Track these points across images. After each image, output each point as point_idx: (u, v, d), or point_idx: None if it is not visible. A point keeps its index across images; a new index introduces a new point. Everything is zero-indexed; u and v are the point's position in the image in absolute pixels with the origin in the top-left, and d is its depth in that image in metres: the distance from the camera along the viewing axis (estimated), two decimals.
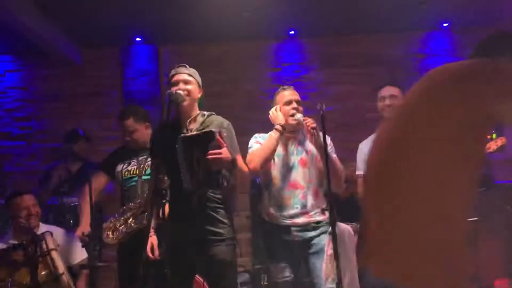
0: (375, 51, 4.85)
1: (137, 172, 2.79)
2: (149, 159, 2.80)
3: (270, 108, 4.56)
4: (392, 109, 2.84)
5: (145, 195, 2.69)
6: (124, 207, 2.72)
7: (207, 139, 2.10)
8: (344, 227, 2.36)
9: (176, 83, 2.30)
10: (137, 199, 2.72)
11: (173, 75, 2.34)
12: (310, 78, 4.81)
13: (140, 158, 2.83)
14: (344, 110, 4.65)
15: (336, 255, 2.10)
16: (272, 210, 2.53)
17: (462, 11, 4.38)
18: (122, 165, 2.84)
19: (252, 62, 4.83)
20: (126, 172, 2.81)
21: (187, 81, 2.33)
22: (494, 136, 4.56)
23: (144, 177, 2.77)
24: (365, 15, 4.34)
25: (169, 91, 2.23)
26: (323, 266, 2.29)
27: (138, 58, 4.78)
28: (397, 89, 2.95)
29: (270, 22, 4.39)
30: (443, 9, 4.31)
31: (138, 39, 4.65)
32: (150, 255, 2.25)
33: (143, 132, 2.86)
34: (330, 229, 2.18)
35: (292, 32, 4.75)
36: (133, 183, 2.79)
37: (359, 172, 2.93)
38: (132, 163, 2.83)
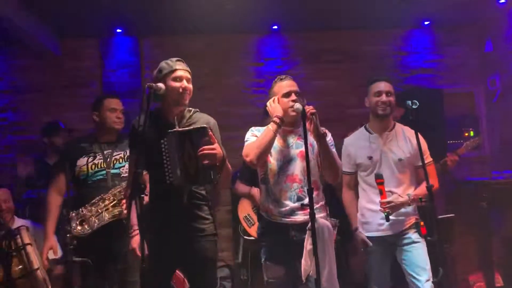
0: (357, 48, 4.89)
1: (105, 166, 2.74)
2: (115, 153, 2.78)
3: (253, 102, 4.56)
4: (388, 107, 2.75)
5: (118, 188, 2.67)
6: (97, 198, 2.67)
7: (200, 134, 2.08)
8: (323, 222, 2.36)
9: (180, 79, 2.26)
10: (108, 191, 2.68)
11: (175, 70, 2.26)
12: (292, 73, 4.75)
13: (106, 152, 2.78)
14: (325, 105, 4.66)
15: (315, 250, 2.10)
16: (270, 206, 2.47)
17: (443, 10, 4.44)
18: (86, 158, 2.75)
19: (235, 56, 4.80)
20: (93, 166, 2.74)
21: (189, 79, 2.31)
22: (472, 133, 4.67)
23: (112, 171, 2.73)
24: (348, 12, 4.36)
25: (148, 83, 2.18)
26: (302, 261, 2.29)
27: (118, 49, 4.71)
28: (391, 86, 2.80)
29: (254, 17, 4.37)
30: (424, 7, 4.36)
31: (118, 30, 4.57)
32: (139, 253, 2.19)
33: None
34: (309, 224, 2.18)
35: (275, 27, 4.75)
36: (101, 177, 2.73)
37: (343, 168, 2.84)
38: (98, 156, 2.76)
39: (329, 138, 2.52)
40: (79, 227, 2.59)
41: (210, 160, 2.08)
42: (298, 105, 2.35)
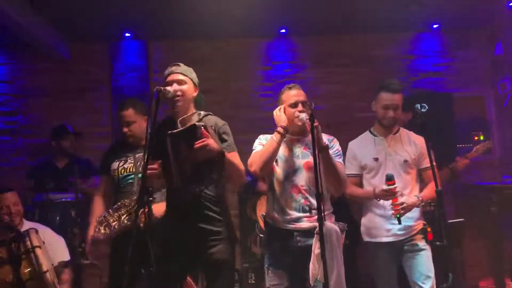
0: (365, 51, 4.87)
1: (134, 170, 2.74)
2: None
3: (261, 106, 4.54)
4: (393, 120, 2.76)
5: None
6: (119, 203, 2.68)
7: (191, 133, 2.07)
8: (332, 226, 2.34)
9: (170, 83, 2.27)
10: (133, 196, 2.69)
11: (168, 75, 2.32)
12: (301, 77, 4.80)
13: (137, 155, 2.78)
14: (334, 109, 4.66)
15: (323, 254, 2.09)
16: (276, 214, 2.48)
17: (452, 13, 4.41)
18: (118, 162, 2.79)
19: (243, 60, 4.81)
20: (123, 170, 2.76)
21: (181, 81, 2.30)
22: (482, 137, 4.63)
23: (140, 175, 2.73)
24: (356, 15, 4.35)
25: (157, 87, 2.20)
26: (310, 265, 2.28)
27: (127, 53, 4.74)
28: (400, 96, 2.76)
29: (262, 20, 4.38)
30: (433, 11, 4.34)
31: (127, 34, 4.60)
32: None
33: (142, 125, 2.81)
34: (317, 228, 2.17)
35: (283, 31, 4.75)
36: (130, 181, 2.74)
37: (348, 171, 2.85)
38: (129, 160, 2.78)
39: (336, 148, 2.52)
40: (102, 231, 2.61)
41: (203, 155, 2.05)
42: (302, 116, 2.35)
